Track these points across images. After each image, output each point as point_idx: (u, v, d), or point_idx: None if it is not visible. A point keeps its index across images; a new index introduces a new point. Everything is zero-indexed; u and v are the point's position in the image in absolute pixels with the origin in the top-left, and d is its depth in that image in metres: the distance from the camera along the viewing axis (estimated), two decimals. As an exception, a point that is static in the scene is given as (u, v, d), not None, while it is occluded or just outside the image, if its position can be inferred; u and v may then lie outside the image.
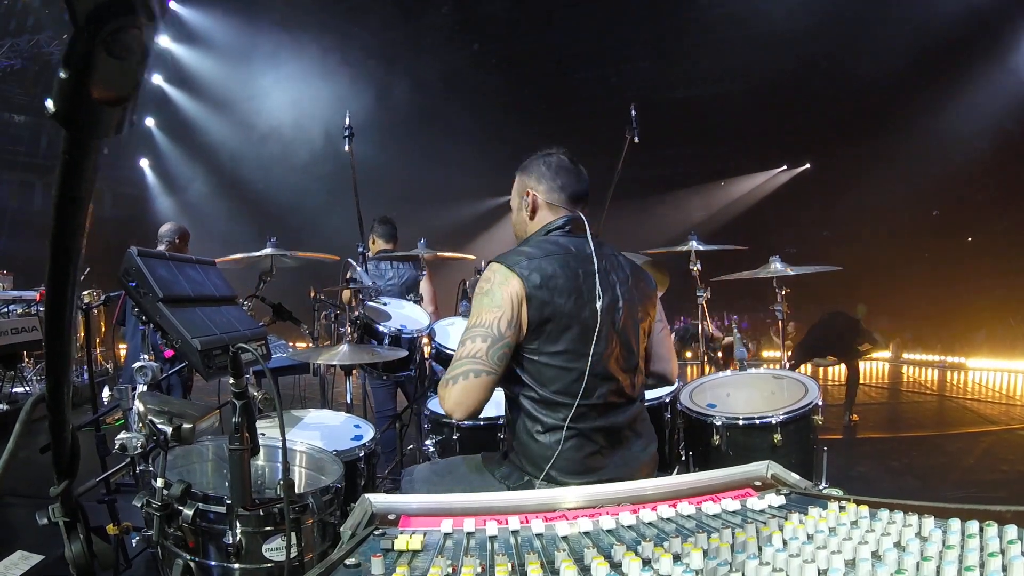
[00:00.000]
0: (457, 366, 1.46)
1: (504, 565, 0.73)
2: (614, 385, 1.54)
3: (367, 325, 2.65)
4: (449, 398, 1.45)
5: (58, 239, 0.49)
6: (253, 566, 1.34)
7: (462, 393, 1.45)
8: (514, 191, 1.72)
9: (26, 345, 4.81)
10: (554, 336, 1.49)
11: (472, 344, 1.46)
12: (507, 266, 1.50)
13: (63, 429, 0.64)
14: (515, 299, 1.47)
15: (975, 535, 0.71)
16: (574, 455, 1.49)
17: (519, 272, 1.48)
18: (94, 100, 0.42)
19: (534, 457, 1.51)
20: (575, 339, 1.49)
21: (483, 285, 1.52)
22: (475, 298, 1.53)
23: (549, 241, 1.58)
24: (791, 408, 2.25)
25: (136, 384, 1.73)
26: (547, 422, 1.50)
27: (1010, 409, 6.07)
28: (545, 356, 1.49)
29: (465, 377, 1.44)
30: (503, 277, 1.49)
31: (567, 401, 1.49)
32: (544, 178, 1.65)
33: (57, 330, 0.56)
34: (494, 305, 1.47)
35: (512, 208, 1.74)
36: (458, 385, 1.45)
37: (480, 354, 1.45)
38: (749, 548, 0.75)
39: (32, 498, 1.57)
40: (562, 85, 9.92)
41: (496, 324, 1.45)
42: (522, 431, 1.54)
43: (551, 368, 1.49)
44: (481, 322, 1.47)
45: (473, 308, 1.52)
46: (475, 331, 1.47)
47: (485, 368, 1.45)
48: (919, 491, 3.58)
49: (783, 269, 3.01)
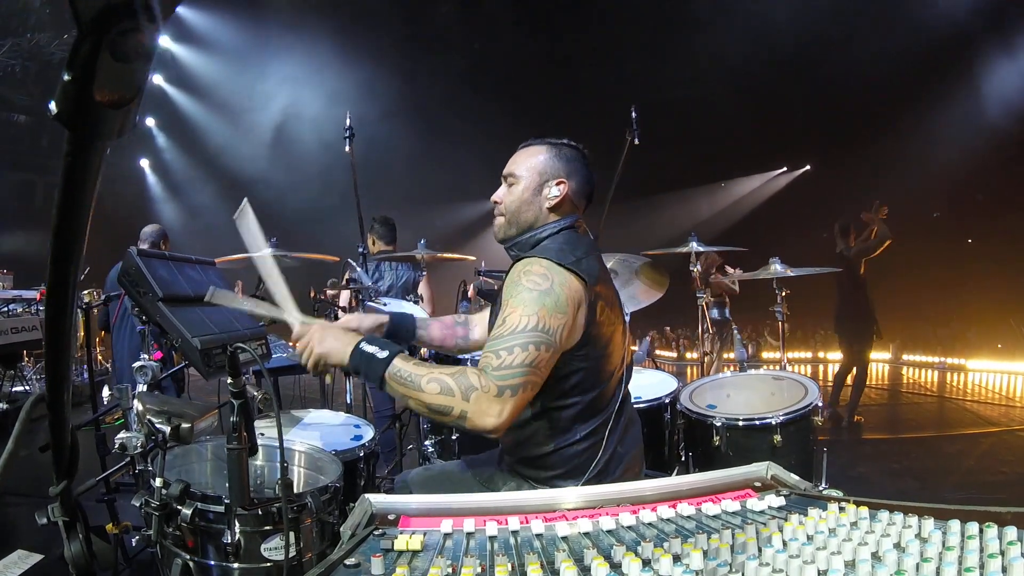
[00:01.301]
0: (516, 374, 1.22)
1: (504, 565, 0.73)
2: (627, 381, 1.54)
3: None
4: (506, 412, 1.21)
5: (60, 240, 0.49)
6: (252, 565, 1.34)
7: (518, 408, 1.23)
8: (532, 168, 1.49)
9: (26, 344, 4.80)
10: (603, 339, 1.39)
11: (536, 352, 1.24)
12: (564, 266, 1.32)
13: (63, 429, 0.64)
14: (576, 303, 1.31)
15: (975, 536, 0.71)
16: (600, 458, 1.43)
17: (580, 272, 1.33)
18: (97, 103, 0.42)
19: (560, 468, 1.42)
20: (612, 342, 1.42)
21: (539, 282, 1.30)
22: (530, 292, 1.29)
23: (573, 238, 1.45)
24: (791, 409, 2.25)
25: (136, 384, 1.73)
26: (580, 432, 1.40)
27: (1010, 411, 6.07)
28: (593, 360, 1.38)
29: (524, 390, 1.23)
30: (562, 276, 1.31)
31: (601, 406, 1.43)
32: (579, 174, 1.50)
33: (58, 330, 0.56)
34: (559, 310, 1.28)
35: (518, 183, 1.49)
36: (516, 398, 1.22)
37: (542, 365, 1.26)
38: (749, 549, 0.75)
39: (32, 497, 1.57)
40: (562, 85, 9.93)
41: (560, 332, 1.28)
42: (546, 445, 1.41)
43: (595, 373, 1.40)
44: (545, 327, 1.25)
45: (526, 305, 1.27)
46: (537, 335, 1.25)
47: (541, 381, 1.28)
48: (919, 492, 3.57)
49: (783, 270, 3.02)
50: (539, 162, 1.49)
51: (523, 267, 1.35)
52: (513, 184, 1.51)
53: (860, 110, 9.09)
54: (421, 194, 10.49)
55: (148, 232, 4.00)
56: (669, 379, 2.67)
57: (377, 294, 2.87)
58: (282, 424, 1.22)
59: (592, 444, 1.42)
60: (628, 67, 9.32)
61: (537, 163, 1.49)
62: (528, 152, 1.52)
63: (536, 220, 1.49)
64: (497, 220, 1.55)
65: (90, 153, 0.45)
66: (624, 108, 3.12)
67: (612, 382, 1.45)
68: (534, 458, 1.45)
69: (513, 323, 1.26)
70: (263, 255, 1.47)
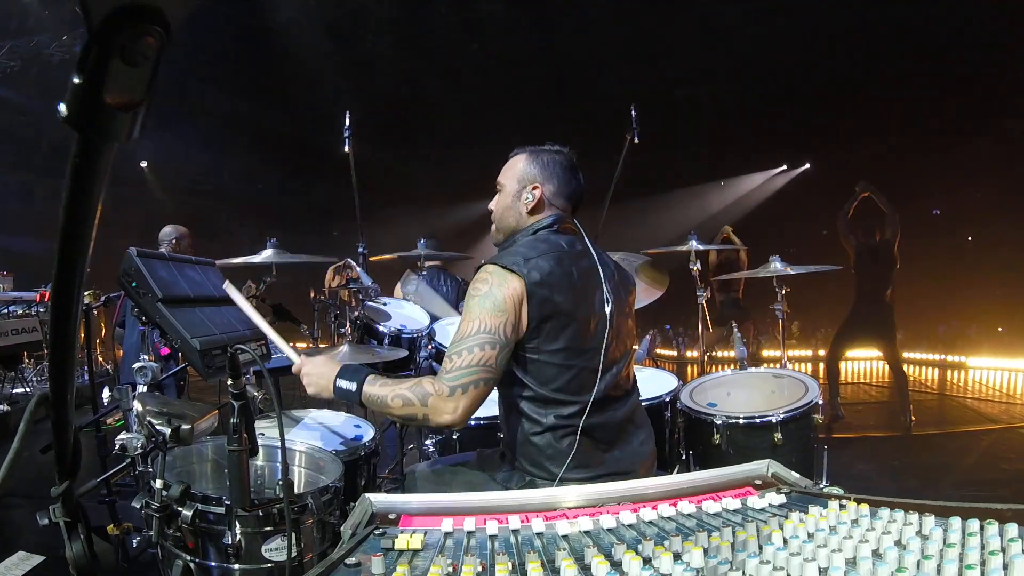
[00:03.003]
0: (465, 375, 1.39)
1: (504, 564, 0.73)
2: (612, 380, 1.55)
3: (367, 325, 2.65)
4: (459, 409, 1.38)
5: (66, 242, 0.49)
6: (253, 566, 1.34)
7: (473, 403, 1.40)
8: (513, 176, 1.64)
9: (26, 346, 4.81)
10: (554, 334, 1.47)
11: (481, 352, 1.40)
12: (504, 266, 1.46)
13: (66, 429, 0.64)
14: (516, 300, 1.44)
15: (976, 533, 0.71)
16: (574, 452, 1.48)
17: (518, 271, 1.45)
18: (107, 106, 0.42)
19: (535, 458, 1.50)
20: (573, 336, 1.49)
21: (480, 287, 1.46)
22: (472, 299, 1.46)
23: (540, 239, 1.55)
24: (791, 407, 2.26)
25: (136, 385, 1.73)
26: (545, 422, 1.48)
27: (1010, 408, 6.07)
28: (545, 355, 1.48)
29: (476, 386, 1.39)
30: (501, 279, 1.45)
31: (566, 399, 1.49)
32: (555, 177, 1.62)
33: (63, 331, 0.56)
34: (498, 309, 1.42)
35: (503, 191, 1.65)
36: (468, 395, 1.38)
37: (490, 362, 1.40)
38: (750, 547, 0.75)
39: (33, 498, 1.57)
40: (562, 85, 9.92)
41: (502, 329, 1.42)
42: (520, 432, 1.52)
43: (551, 366, 1.48)
44: (486, 327, 1.41)
45: (471, 311, 1.45)
46: (481, 337, 1.41)
47: (494, 376, 1.42)
48: (919, 490, 3.57)
49: (783, 269, 3.02)
50: (518, 170, 1.64)
51: (475, 276, 1.51)
52: (500, 192, 1.67)
53: (860, 108, 9.08)
54: (421, 193, 10.49)
55: (166, 234, 3.92)
56: (669, 377, 2.67)
57: (377, 293, 2.87)
58: (283, 424, 1.22)
59: (565, 435, 1.48)
60: (628, 67, 9.31)
61: (517, 170, 1.64)
62: (512, 161, 1.67)
63: (518, 224, 1.63)
64: (492, 228, 1.72)
65: (98, 156, 0.45)
66: (624, 108, 3.12)
67: (580, 375, 1.49)
68: (514, 445, 1.55)
69: (463, 330, 1.44)
70: (255, 318, 1.66)
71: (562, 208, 1.63)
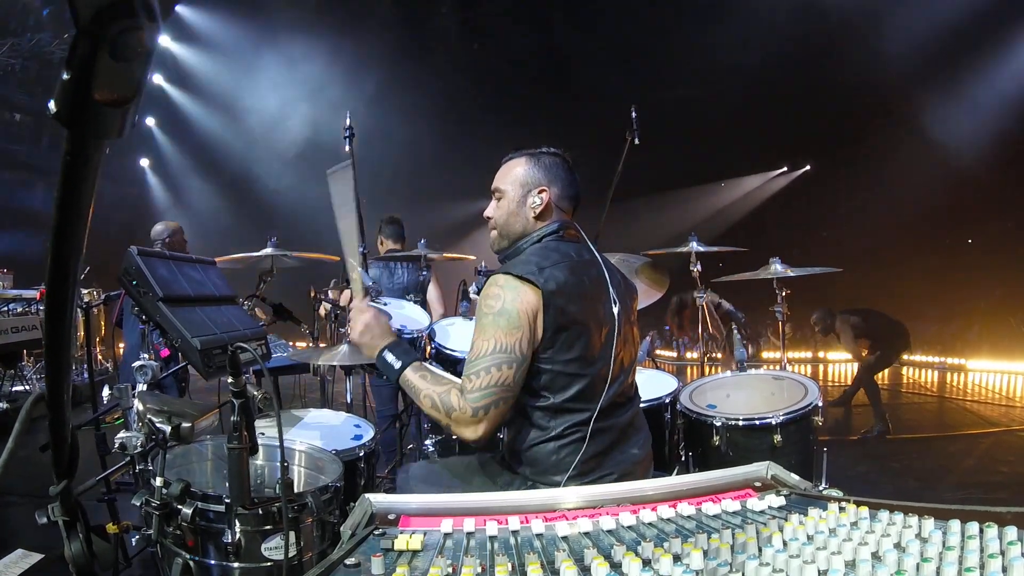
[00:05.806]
0: (485, 395, 1.39)
1: (504, 565, 0.73)
2: (619, 387, 1.55)
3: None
4: (481, 429, 1.39)
5: (59, 239, 0.49)
6: (252, 565, 1.34)
7: (494, 423, 1.41)
8: (514, 180, 1.60)
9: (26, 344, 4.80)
10: (567, 344, 1.46)
11: (498, 372, 1.39)
12: (518, 276, 1.43)
13: (63, 428, 0.64)
14: (531, 313, 1.41)
15: (975, 536, 0.71)
16: (578, 460, 1.47)
17: (535, 280, 1.42)
18: (97, 102, 0.42)
19: (538, 465, 1.49)
20: (586, 346, 1.47)
21: (493, 303, 1.43)
22: (486, 316, 1.43)
23: (549, 248, 1.53)
24: (791, 409, 2.25)
25: (136, 383, 1.73)
26: (554, 430, 1.47)
27: (1010, 411, 6.07)
28: (559, 364, 1.46)
29: (496, 407, 1.40)
30: (515, 290, 1.42)
31: (576, 407, 1.48)
32: (559, 180, 1.60)
33: (57, 329, 0.56)
34: (512, 326, 1.40)
35: (504, 197, 1.61)
36: (489, 416, 1.39)
37: (508, 381, 1.40)
38: (749, 549, 0.75)
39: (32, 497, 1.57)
40: (562, 85, 9.92)
41: (517, 347, 1.40)
42: (525, 439, 1.51)
43: (563, 376, 1.47)
44: (501, 346, 1.39)
45: (485, 327, 1.42)
46: (497, 357, 1.39)
47: (513, 393, 1.43)
48: (919, 492, 3.58)
49: (783, 270, 3.02)
50: (520, 174, 1.60)
51: (486, 288, 1.48)
52: (500, 198, 1.62)
53: (860, 110, 9.08)
54: (421, 194, 10.48)
55: (158, 232, 3.91)
56: (669, 379, 2.67)
57: (378, 293, 2.87)
58: (282, 424, 1.22)
59: (571, 442, 1.48)
60: (628, 67, 9.31)
61: (519, 175, 1.60)
62: (510, 165, 1.63)
63: (525, 229, 1.60)
64: (491, 234, 1.67)
65: (89, 152, 0.45)
66: (624, 108, 3.12)
67: (592, 383, 1.49)
68: (518, 452, 1.54)
69: (477, 349, 1.42)
70: (350, 220, 1.69)
71: (567, 210, 1.62)
